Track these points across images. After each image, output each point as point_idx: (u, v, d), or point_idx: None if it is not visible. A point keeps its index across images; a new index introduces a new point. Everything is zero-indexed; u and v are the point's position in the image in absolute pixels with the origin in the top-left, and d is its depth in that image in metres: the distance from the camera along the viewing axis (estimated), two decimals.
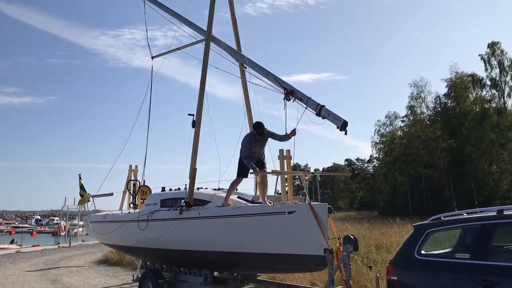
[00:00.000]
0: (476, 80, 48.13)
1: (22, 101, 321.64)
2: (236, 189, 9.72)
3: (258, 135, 8.62)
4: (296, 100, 8.03)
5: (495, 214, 5.15)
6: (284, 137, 8.54)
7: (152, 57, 12.10)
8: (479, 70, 69.29)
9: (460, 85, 48.56)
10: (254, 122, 8.84)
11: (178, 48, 11.49)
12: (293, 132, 8.31)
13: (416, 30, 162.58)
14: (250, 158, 8.70)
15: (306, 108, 7.81)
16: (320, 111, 7.57)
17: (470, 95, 48.58)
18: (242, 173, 8.86)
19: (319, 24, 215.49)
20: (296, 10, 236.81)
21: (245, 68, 10.16)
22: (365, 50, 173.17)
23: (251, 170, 8.70)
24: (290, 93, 8.07)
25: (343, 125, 7.31)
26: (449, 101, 51.39)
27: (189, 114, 9.43)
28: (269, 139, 8.95)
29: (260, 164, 8.85)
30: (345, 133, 7.36)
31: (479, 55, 47.87)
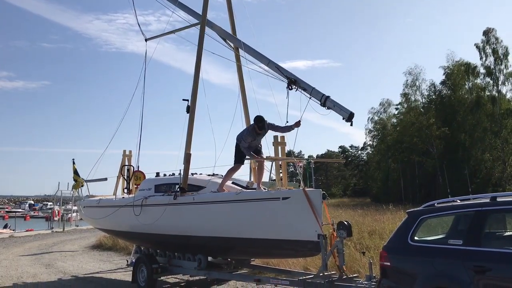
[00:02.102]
0: (471, 69, 48.15)
1: (15, 85, 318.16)
2: None
3: (258, 129, 8.50)
4: (299, 89, 7.92)
5: (488, 201, 5.18)
6: (287, 128, 8.41)
7: (146, 40, 11.89)
8: (475, 57, 69.45)
9: (457, 73, 48.61)
10: (255, 116, 8.71)
11: (173, 31, 11.31)
12: (298, 124, 8.16)
13: (411, 17, 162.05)
14: (249, 149, 8.66)
15: (310, 98, 7.71)
16: (326, 101, 7.48)
17: (466, 83, 48.65)
18: (239, 160, 8.83)
19: (313, 10, 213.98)
20: None
21: (236, 51, 10.04)
22: (360, 37, 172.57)
23: (247, 156, 8.67)
24: (293, 82, 7.96)
25: (349, 117, 7.24)
26: (445, 89, 51.53)
27: (183, 99, 9.37)
28: (269, 131, 8.88)
29: (256, 153, 8.81)
30: (351, 124, 7.31)
31: (474, 44, 47.88)
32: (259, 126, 8.47)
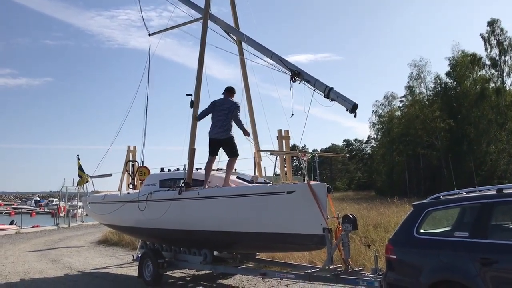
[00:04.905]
0: (476, 60, 47.87)
1: (18, 82, 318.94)
2: (235, 169, 9.73)
3: (231, 93, 9.16)
4: (303, 82, 7.84)
5: (494, 193, 5.15)
6: (242, 128, 9.04)
7: (150, 35, 11.84)
8: (479, 49, 68.97)
9: (462, 64, 48.34)
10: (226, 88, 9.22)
11: (176, 26, 11.27)
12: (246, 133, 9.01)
13: (413, 10, 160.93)
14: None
15: (314, 90, 7.65)
16: (329, 93, 7.40)
17: (471, 75, 48.35)
18: (235, 153, 8.96)
19: (315, 4, 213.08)
20: None
21: (240, 44, 10.06)
22: (362, 31, 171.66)
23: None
24: (297, 74, 7.89)
25: (353, 108, 7.17)
26: (450, 81, 51.29)
27: (187, 94, 9.34)
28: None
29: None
30: (355, 116, 7.24)
31: (479, 34, 47.62)
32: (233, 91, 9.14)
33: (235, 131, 9.08)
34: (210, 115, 9.09)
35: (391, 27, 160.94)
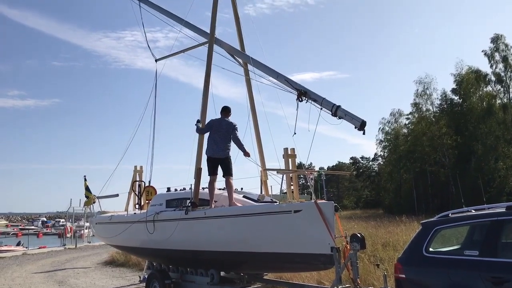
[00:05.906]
0: (481, 76, 47.84)
1: (26, 103, 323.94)
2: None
3: (227, 113, 9.23)
4: (310, 101, 7.86)
5: (504, 210, 5.10)
6: (242, 148, 9.16)
7: (156, 60, 12.00)
8: (484, 65, 69.07)
9: (467, 81, 48.32)
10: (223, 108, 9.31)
11: (182, 51, 11.40)
12: (246, 154, 9.05)
13: (418, 28, 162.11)
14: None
15: (321, 109, 7.65)
16: (336, 111, 7.37)
17: (477, 91, 48.24)
18: (231, 171, 9.05)
19: (319, 23, 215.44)
20: (296, 10, 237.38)
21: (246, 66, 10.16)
22: (367, 48, 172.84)
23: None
24: (303, 94, 7.91)
25: (361, 125, 7.15)
26: (456, 97, 51.23)
27: (198, 120, 9.37)
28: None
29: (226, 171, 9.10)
30: (363, 133, 7.22)
31: (482, 51, 47.60)
32: (227, 109, 9.21)
33: (236, 151, 9.18)
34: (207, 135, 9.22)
35: (396, 45, 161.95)
